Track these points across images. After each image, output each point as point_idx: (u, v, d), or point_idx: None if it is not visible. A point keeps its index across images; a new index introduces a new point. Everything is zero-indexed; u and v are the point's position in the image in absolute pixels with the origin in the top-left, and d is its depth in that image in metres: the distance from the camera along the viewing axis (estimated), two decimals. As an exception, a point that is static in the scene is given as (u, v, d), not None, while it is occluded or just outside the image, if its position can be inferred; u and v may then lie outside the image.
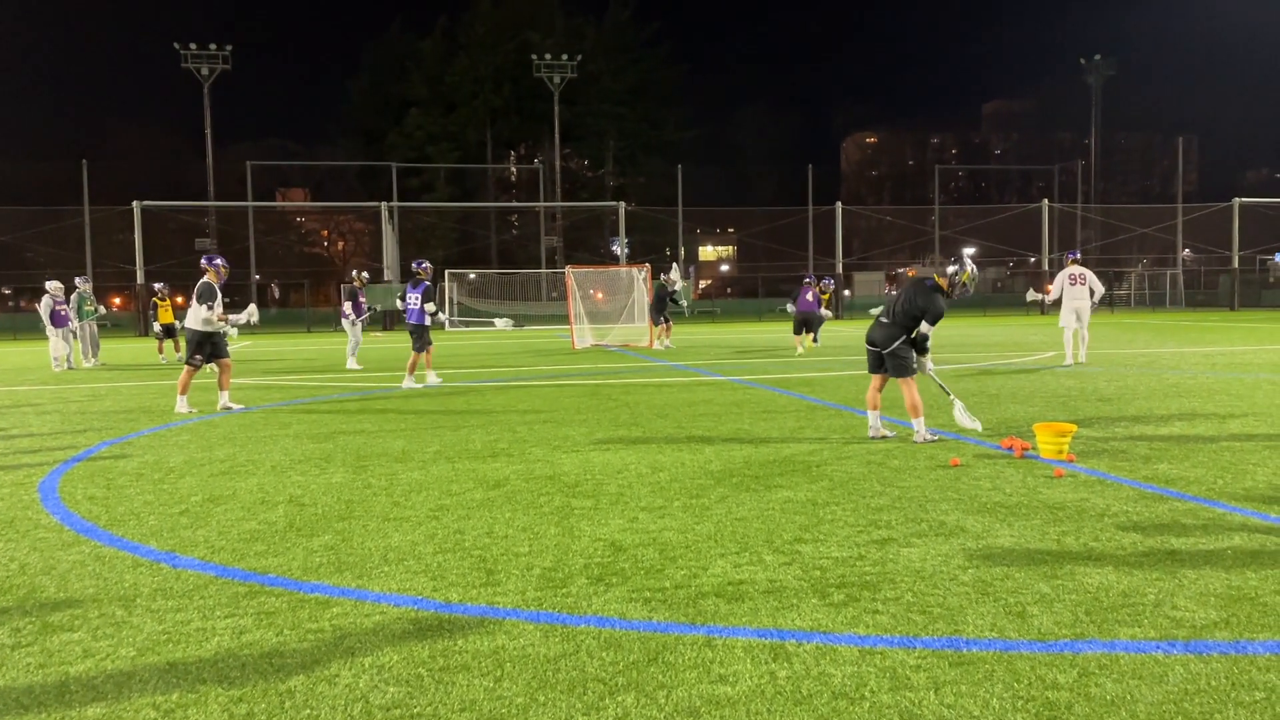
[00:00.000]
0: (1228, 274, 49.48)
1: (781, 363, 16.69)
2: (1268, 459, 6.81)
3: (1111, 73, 72.97)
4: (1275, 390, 10.97)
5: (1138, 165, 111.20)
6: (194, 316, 10.92)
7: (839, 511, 5.47)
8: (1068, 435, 6.99)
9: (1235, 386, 11.46)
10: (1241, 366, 14.19)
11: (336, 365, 18.88)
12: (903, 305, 7.81)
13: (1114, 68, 73.09)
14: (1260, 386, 11.40)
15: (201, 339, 10.93)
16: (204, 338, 10.94)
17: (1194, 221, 56.02)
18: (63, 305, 18.98)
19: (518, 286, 48.39)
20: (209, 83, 54.71)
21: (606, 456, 7.44)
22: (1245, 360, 15.28)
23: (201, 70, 54.30)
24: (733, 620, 3.74)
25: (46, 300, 18.86)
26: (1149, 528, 4.98)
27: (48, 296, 18.88)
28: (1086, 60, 72.29)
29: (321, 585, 4.29)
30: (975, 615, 3.73)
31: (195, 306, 10.89)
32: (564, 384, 13.72)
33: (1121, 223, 58.57)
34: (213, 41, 54.01)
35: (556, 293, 44.22)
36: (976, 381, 12.44)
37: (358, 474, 6.93)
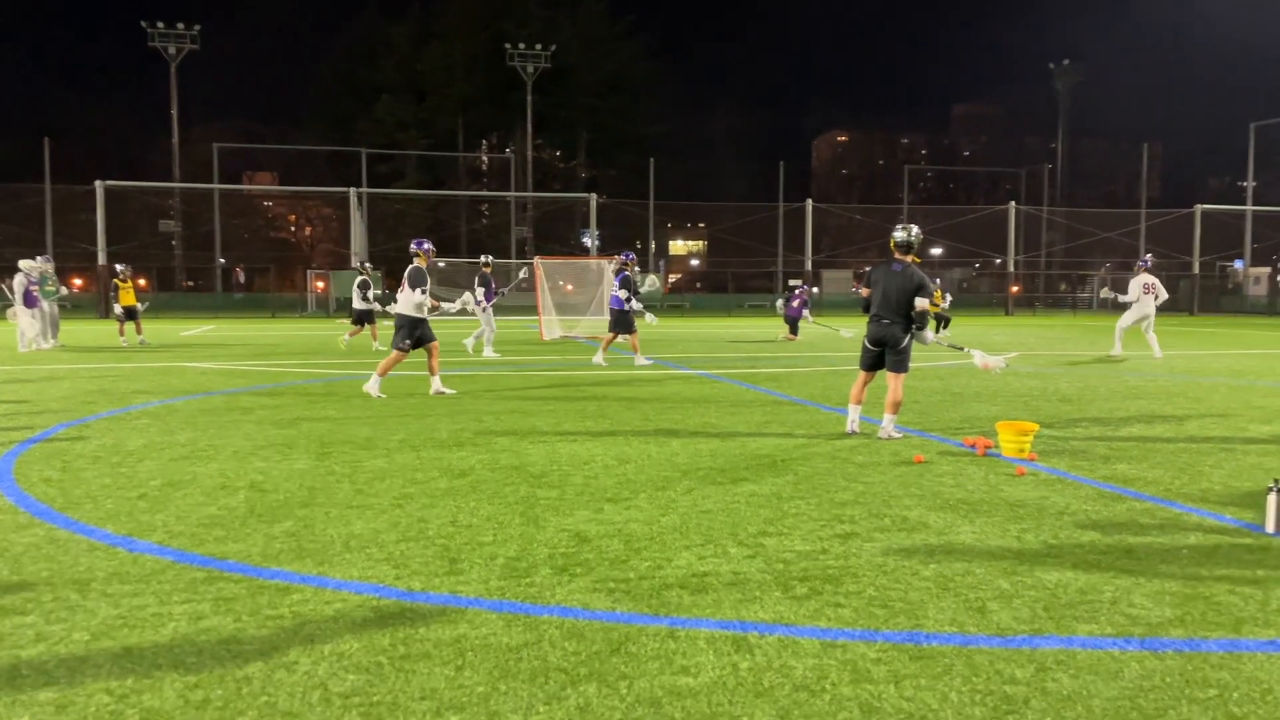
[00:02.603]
0: (1188, 279, 50.31)
1: (749, 358, 16.75)
2: (1223, 461, 6.93)
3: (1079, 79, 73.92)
4: (1232, 394, 11.16)
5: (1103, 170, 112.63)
6: (405, 301, 10.62)
7: (803, 506, 5.50)
8: (1030, 434, 7.07)
9: (1193, 389, 11.65)
10: (1200, 370, 14.43)
11: (301, 350, 18.68)
12: (896, 296, 7.72)
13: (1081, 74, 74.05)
14: (1217, 390, 11.60)
15: (413, 323, 10.66)
16: (415, 322, 10.66)
17: (1156, 227, 56.85)
18: (36, 285, 18.65)
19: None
20: (176, 62, 53.93)
21: (573, 447, 7.42)
22: (1203, 364, 15.54)
23: (169, 49, 53.51)
24: (696, 612, 3.74)
25: (20, 279, 18.48)
26: (1107, 526, 5.05)
27: (21, 275, 18.52)
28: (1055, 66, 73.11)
29: (281, 572, 4.24)
30: (936, 610, 3.77)
31: (406, 291, 10.60)
32: (531, 374, 13.68)
33: (1086, 226, 59.33)
34: (181, 20, 53.22)
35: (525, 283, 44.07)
36: (942, 381, 12.55)
37: (321, 461, 6.86)
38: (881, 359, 7.94)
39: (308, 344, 21.35)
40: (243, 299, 51.82)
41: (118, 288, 20.80)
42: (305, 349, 19.49)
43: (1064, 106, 74.09)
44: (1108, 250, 60.48)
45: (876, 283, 7.89)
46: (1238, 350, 19.76)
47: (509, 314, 39.16)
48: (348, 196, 46.22)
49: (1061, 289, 62.01)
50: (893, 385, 7.86)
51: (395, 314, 10.82)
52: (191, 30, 53.39)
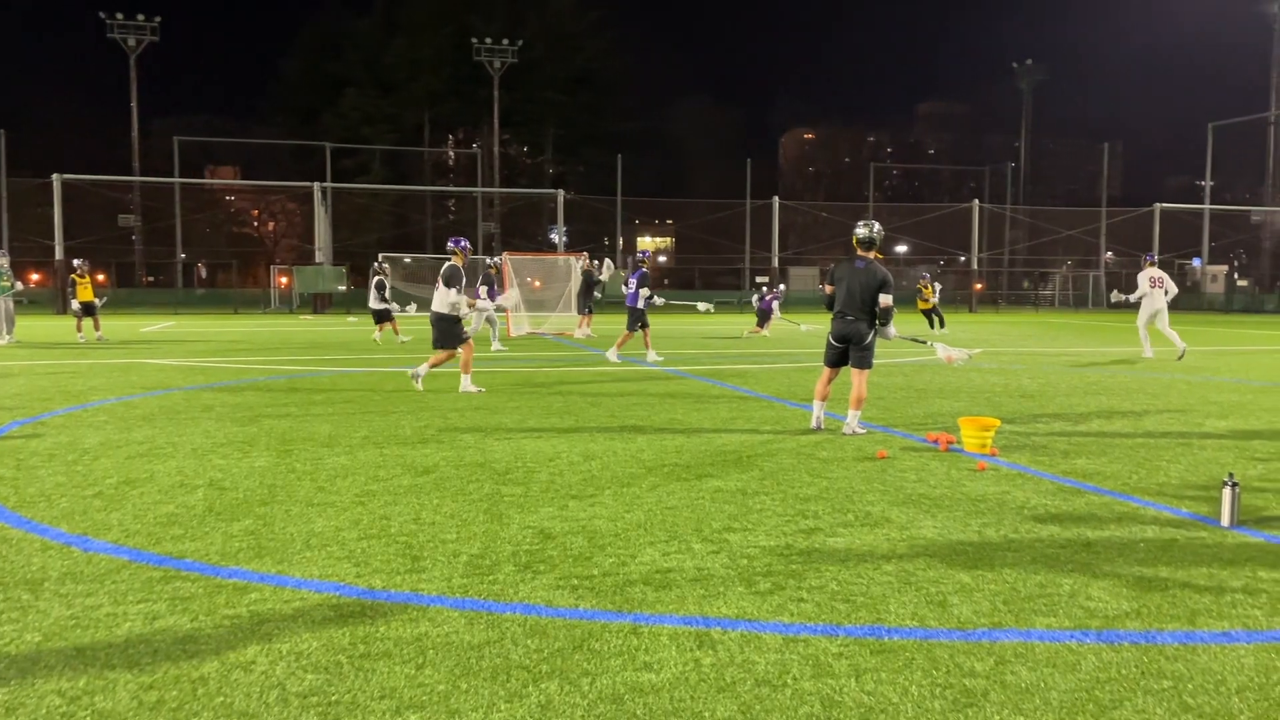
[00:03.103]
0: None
1: (715, 354, 16.78)
2: (1180, 455, 7.04)
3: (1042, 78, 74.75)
4: (1189, 389, 11.35)
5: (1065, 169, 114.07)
6: (440, 300, 10.51)
7: (768, 501, 5.51)
8: (991, 430, 7.14)
9: (1151, 385, 11.83)
10: (1157, 366, 14.66)
11: (264, 347, 18.47)
12: (860, 293, 7.77)
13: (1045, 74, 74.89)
14: (1174, 385, 11.78)
15: (453, 319, 10.59)
16: (453, 320, 10.60)
17: (1117, 225, 57.72)
18: None
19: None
20: (136, 54, 53.12)
21: (538, 444, 7.40)
22: (1161, 360, 15.78)
23: (128, 41, 52.69)
24: (659, 608, 3.74)
25: None
26: (1066, 520, 5.11)
27: None
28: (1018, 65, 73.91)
29: (240, 570, 4.18)
30: (897, 604, 3.79)
31: (442, 290, 10.49)
32: (498, 371, 13.62)
33: (1048, 224, 60.10)
34: (140, 12, 52.38)
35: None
36: (905, 377, 12.64)
37: (282, 458, 6.78)
38: (846, 355, 7.98)
39: (271, 340, 21.11)
40: (204, 295, 51.14)
41: (75, 283, 20.45)
42: (268, 345, 19.27)
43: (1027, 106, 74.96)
44: (1069, 248, 61.30)
45: (840, 280, 7.93)
46: (1195, 347, 20.09)
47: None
48: (311, 191, 45.72)
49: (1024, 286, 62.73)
50: (857, 381, 7.90)
51: (431, 312, 10.71)
52: (151, 22, 52.61)
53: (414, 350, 17.82)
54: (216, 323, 31.21)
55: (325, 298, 42.30)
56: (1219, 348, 19.86)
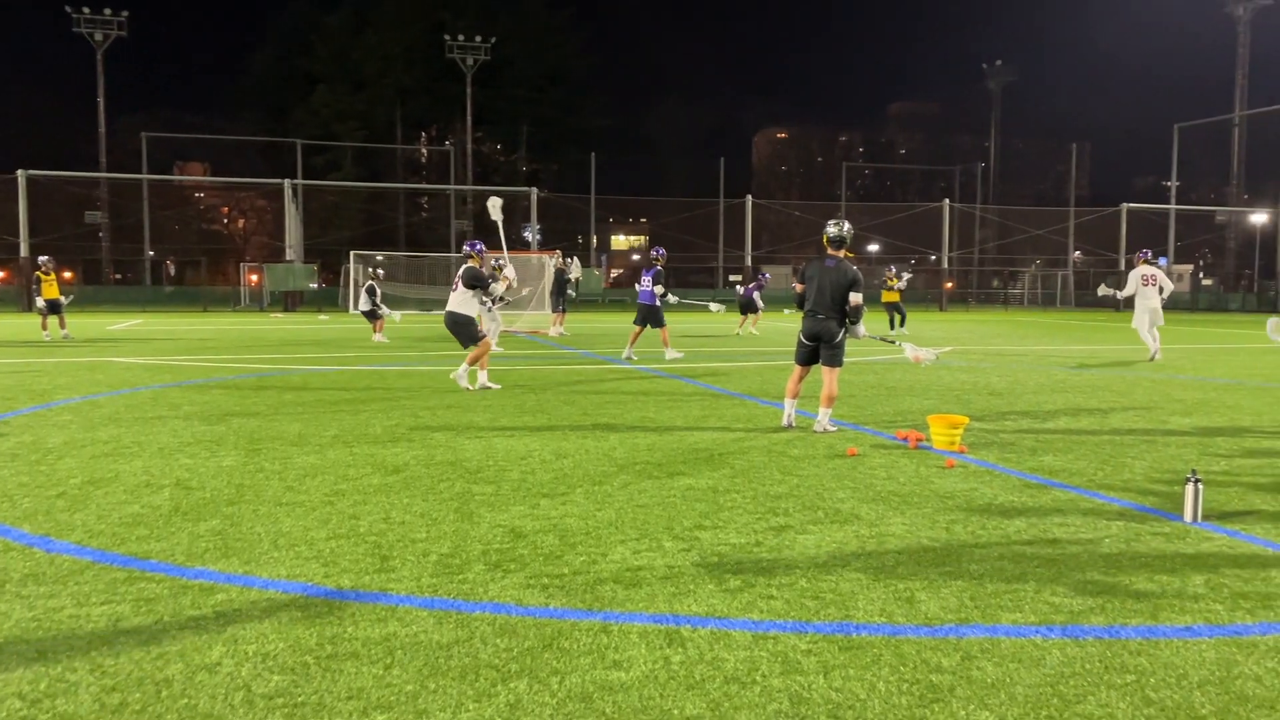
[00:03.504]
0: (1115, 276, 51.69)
1: (689, 352, 16.80)
2: (1145, 452, 7.13)
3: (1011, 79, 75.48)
4: (1153, 387, 11.50)
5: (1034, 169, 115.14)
6: (459, 301, 10.60)
7: (739, 499, 5.53)
8: (960, 427, 7.20)
9: (1117, 383, 11.97)
10: (1123, 364, 14.84)
11: (233, 345, 18.29)
12: (830, 291, 7.81)
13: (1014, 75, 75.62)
14: (1140, 383, 11.93)
15: (467, 320, 10.64)
16: (469, 319, 10.65)
17: (1085, 225, 58.38)
18: None
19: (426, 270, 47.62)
20: (103, 49, 52.42)
21: (510, 443, 7.37)
22: (1127, 358, 15.98)
23: (95, 35, 51.98)
24: (629, 606, 3.74)
25: None
26: (1033, 517, 5.16)
27: None
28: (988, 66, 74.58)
29: (206, 571, 4.14)
30: (866, 601, 3.82)
31: (461, 291, 10.59)
32: (469, 369, 13.54)
33: (1017, 224, 60.67)
34: (107, 6, 51.68)
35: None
36: (876, 375, 12.72)
37: (250, 457, 6.72)
38: (817, 353, 8.02)
39: (240, 338, 20.91)
40: (173, 292, 50.55)
41: (40, 280, 20.15)
42: (237, 343, 19.08)
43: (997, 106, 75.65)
44: (1038, 247, 61.90)
45: (811, 278, 7.97)
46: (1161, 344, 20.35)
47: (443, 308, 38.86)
48: (282, 188, 45.31)
49: (994, 285, 63.31)
50: (827, 379, 7.94)
51: (447, 313, 10.75)
52: (118, 16, 51.91)
53: (392, 350, 17.74)
54: (185, 321, 30.87)
55: (296, 295, 41.96)
56: (1184, 346, 20.13)
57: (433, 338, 21.26)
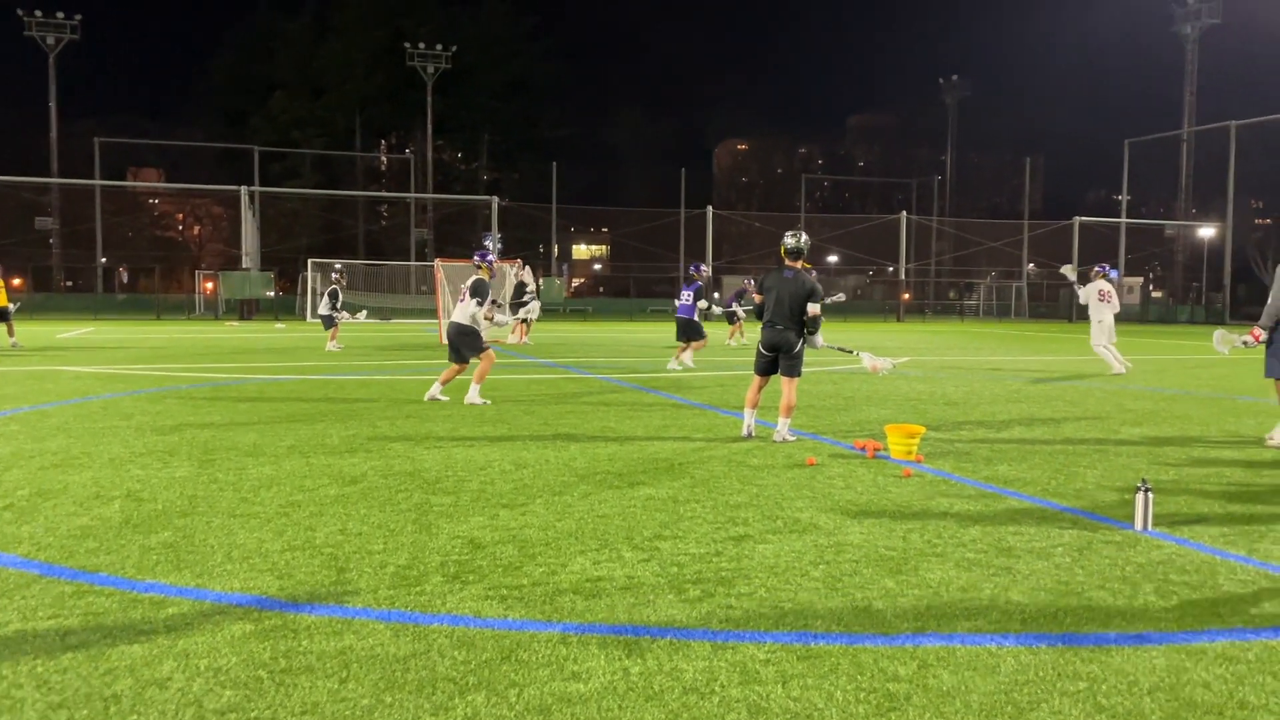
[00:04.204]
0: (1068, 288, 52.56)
1: (651, 361, 16.83)
2: (1097, 461, 7.25)
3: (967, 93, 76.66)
4: (1105, 397, 11.70)
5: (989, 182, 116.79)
6: (463, 312, 10.33)
7: (699, 509, 5.54)
8: (917, 436, 7.28)
9: (1070, 393, 12.17)
10: (1076, 375, 15.09)
11: (187, 354, 18.00)
12: (789, 302, 7.88)
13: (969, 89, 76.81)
14: (1092, 393, 12.14)
15: (472, 332, 10.34)
16: (474, 332, 10.36)
17: (1038, 237, 59.37)
18: None
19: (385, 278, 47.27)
20: (55, 53, 51.52)
21: (470, 452, 7.33)
22: (1079, 369, 16.26)
23: (47, 40, 51.08)
24: (589, 617, 3.73)
25: None
26: (988, 525, 5.23)
27: None
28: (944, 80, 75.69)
29: (157, 584, 4.07)
30: (824, 610, 3.84)
31: (467, 302, 10.33)
32: (430, 379, 13.46)
33: (973, 236, 61.57)
34: (60, 9, 50.81)
35: (426, 286, 43.42)
36: (834, 384, 12.82)
37: (204, 468, 6.62)
38: (776, 363, 8.07)
39: (195, 347, 20.59)
40: (126, 300, 49.71)
41: (-13, 287, 19.69)
42: (192, 352, 18.79)
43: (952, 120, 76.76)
44: (993, 259, 62.81)
45: (770, 289, 8.03)
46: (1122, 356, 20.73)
47: (409, 316, 38.58)
48: (239, 195, 44.75)
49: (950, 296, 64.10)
50: (787, 389, 7.99)
51: (451, 324, 10.52)
52: (71, 20, 51.07)
53: (349, 359, 17.57)
54: (138, 329, 30.34)
55: (252, 303, 41.42)
56: (1134, 357, 20.51)
57: (391, 346, 21.09)
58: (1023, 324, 46.36)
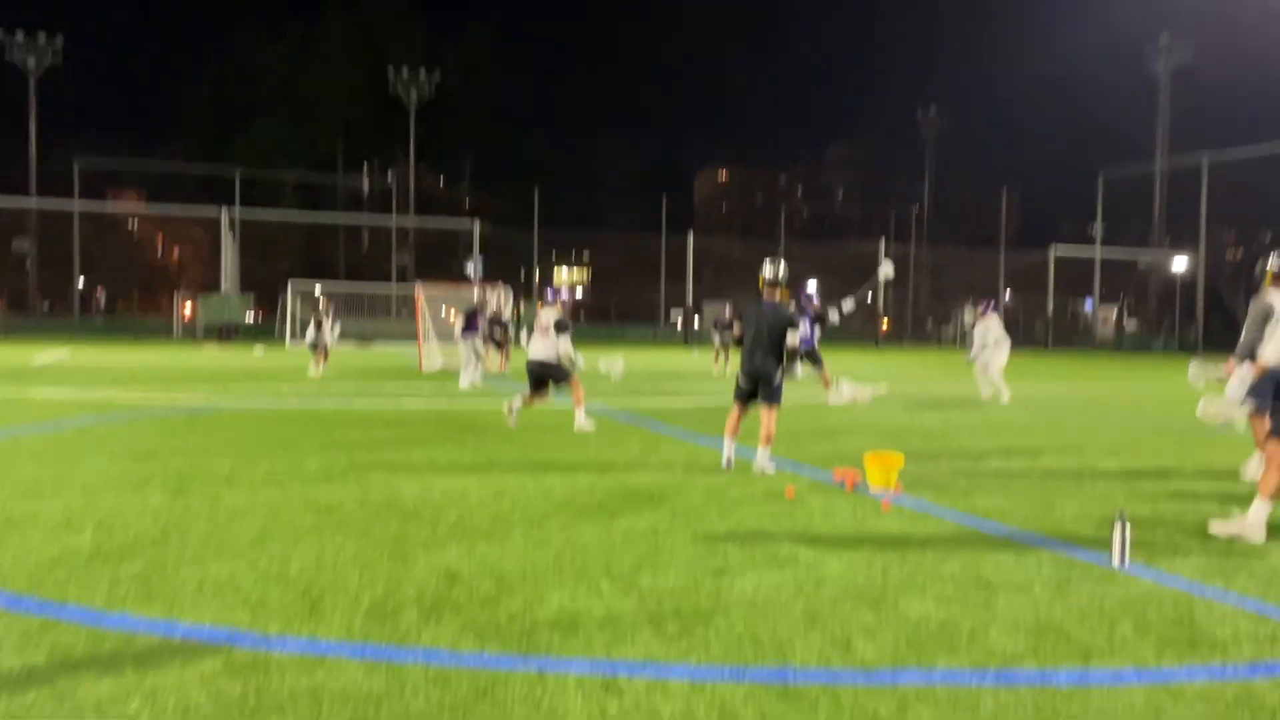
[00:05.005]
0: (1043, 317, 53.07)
1: (630, 390, 16.80)
2: (1074, 493, 7.28)
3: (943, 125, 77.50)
4: (1081, 428, 11.77)
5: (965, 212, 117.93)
6: (549, 349, 10.43)
7: (678, 541, 5.51)
8: (895, 467, 7.28)
9: (1047, 423, 12.24)
10: (1052, 405, 15.19)
11: (165, 378, 17.83)
12: (769, 333, 7.91)
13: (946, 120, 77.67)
14: (1068, 424, 12.21)
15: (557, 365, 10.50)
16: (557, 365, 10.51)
17: (1014, 267, 59.93)
18: None
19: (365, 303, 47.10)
20: (37, 75, 51.29)
21: (448, 482, 7.27)
22: (1056, 399, 16.36)
23: (29, 62, 50.85)
24: (566, 652, 3.69)
25: None
26: (967, 558, 5.22)
27: None
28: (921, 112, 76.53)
29: (127, 617, 4.00)
30: (803, 646, 3.81)
31: (553, 337, 10.41)
32: (409, 406, 13.39)
33: (950, 265, 62.07)
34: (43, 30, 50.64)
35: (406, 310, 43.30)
36: (814, 414, 12.84)
37: (177, 497, 6.53)
38: (755, 393, 8.08)
39: (172, 371, 20.41)
40: (103, 323, 49.32)
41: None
42: (169, 376, 18.62)
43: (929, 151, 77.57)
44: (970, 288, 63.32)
45: (749, 319, 8.06)
46: (1088, 385, 20.91)
47: (390, 341, 38.40)
48: (219, 218, 44.56)
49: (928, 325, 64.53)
50: (766, 419, 7.99)
51: (536, 361, 10.56)
52: (53, 43, 50.88)
53: (329, 385, 17.45)
54: (115, 353, 30.06)
55: (232, 327, 41.16)
56: (1110, 386, 20.68)
57: (370, 372, 20.98)
58: (1001, 353, 46.65)
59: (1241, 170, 54.80)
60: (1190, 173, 55.07)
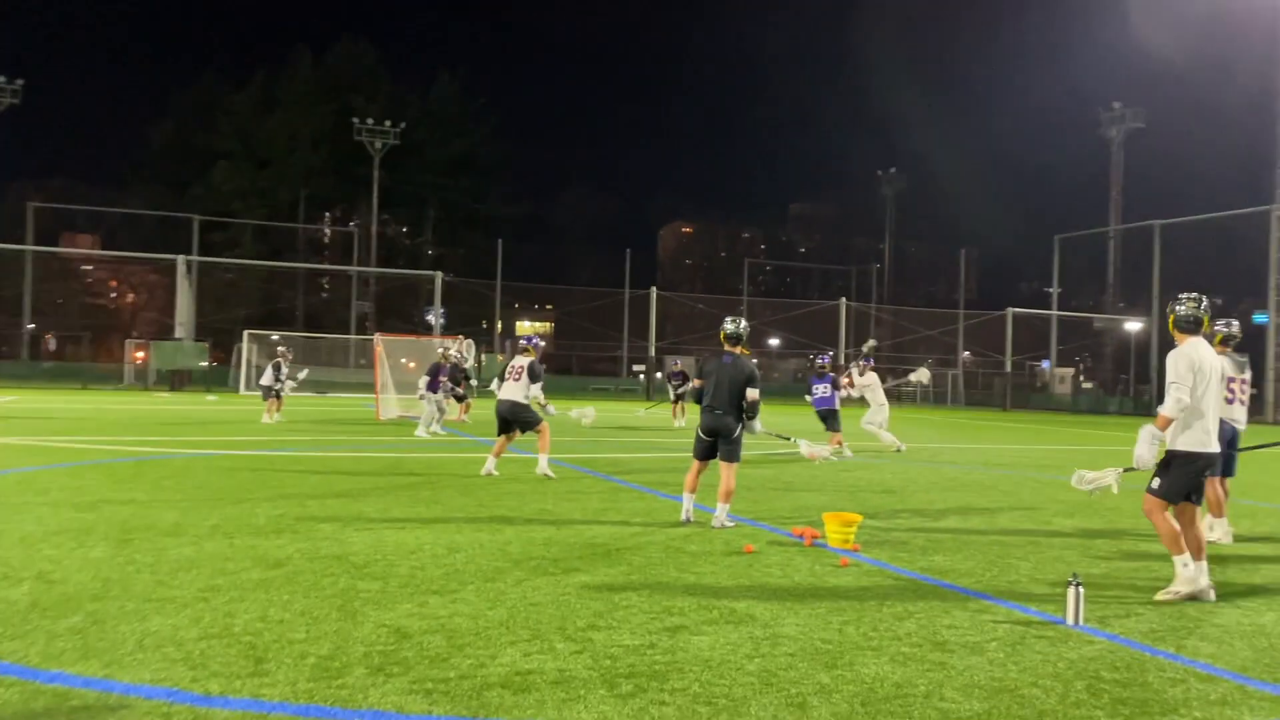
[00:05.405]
0: (1002, 377, 53.81)
1: (589, 442, 16.72)
2: (1030, 553, 7.31)
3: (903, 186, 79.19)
4: (1038, 487, 11.88)
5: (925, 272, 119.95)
6: (520, 391, 10.88)
7: (634, 597, 5.45)
8: (854, 525, 7.29)
9: (1004, 482, 12.35)
10: (1010, 464, 15.34)
11: (113, 425, 17.45)
12: (728, 388, 7.93)
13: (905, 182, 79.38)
14: (1025, 483, 12.33)
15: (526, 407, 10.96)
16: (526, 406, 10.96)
17: (973, 327, 60.88)
18: None
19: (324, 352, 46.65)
20: (-6, 115, 50.81)
21: (401, 535, 7.15)
22: (1013, 458, 16.54)
23: (-14, 102, 50.40)
24: (517, 713, 3.61)
25: None
26: (923, 618, 5.21)
27: None
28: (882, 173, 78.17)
29: (62, 674, 3.85)
30: (758, 706, 3.76)
31: (525, 382, 10.87)
32: (364, 456, 13.21)
33: (910, 324, 62.91)
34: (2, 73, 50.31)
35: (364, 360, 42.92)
36: (775, 469, 12.85)
37: (120, 548, 6.35)
38: (715, 448, 8.07)
39: (121, 418, 20.00)
40: (52, 368, 48.26)
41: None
42: (118, 424, 18.24)
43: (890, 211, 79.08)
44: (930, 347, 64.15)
45: (710, 374, 8.08)
46: (1043, 445, 21.16)
47: (347, 391, 37.97)
48: (175, 264, 44.09)
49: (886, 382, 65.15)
50: (725, 475, 7.98)
51: (507, 401, 10.92)
52: (13, 84, 50.50)
53: (283, 433, 17.19)
54: (63, 398, 29.42)
55: (184, 374, 40.51)
56: (1066, 447, 20.95)
57: (326, 421, 20.70)
58: (958, 411, 47.18)
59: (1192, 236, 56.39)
60: (1143, 237, 56.52)
